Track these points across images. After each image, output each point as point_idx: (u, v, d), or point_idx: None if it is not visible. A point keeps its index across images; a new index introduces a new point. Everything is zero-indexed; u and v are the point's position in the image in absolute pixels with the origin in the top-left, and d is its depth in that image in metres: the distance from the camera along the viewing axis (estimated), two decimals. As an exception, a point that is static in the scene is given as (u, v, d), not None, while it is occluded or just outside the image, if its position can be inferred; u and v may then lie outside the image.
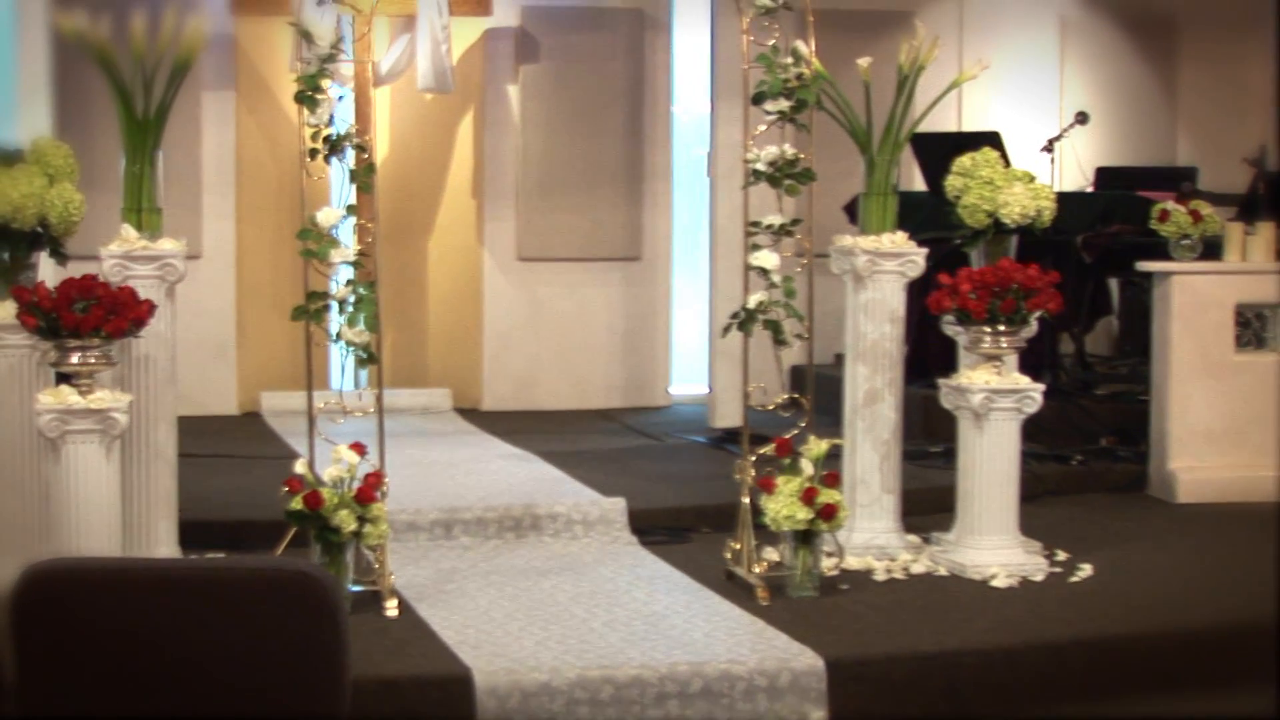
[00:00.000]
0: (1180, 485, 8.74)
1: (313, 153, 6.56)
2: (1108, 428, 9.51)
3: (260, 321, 10.97)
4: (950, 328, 7.45)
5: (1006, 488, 7.21)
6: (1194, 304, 8.80)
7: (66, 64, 10.01)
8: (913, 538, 7.52)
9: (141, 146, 6.72)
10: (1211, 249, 8.92)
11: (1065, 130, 11.08)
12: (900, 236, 7.45)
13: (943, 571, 7.16)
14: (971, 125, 11.50)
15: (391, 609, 6.40)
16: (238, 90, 10.94)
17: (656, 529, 7.79)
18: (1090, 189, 11.20)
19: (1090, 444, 9.35)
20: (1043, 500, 8.48)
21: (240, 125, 10.96)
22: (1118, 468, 9.09)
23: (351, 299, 6.53)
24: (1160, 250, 8.91)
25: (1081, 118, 11.08)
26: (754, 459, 6.95)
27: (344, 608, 3.51)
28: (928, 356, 9.37)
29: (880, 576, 7.08)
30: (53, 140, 6.83)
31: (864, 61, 7.26)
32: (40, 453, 6.32)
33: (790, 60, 6.93)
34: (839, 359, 8.03)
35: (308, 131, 6.56)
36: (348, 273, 6.60)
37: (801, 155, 6.94)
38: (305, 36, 6.56)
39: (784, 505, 6.66)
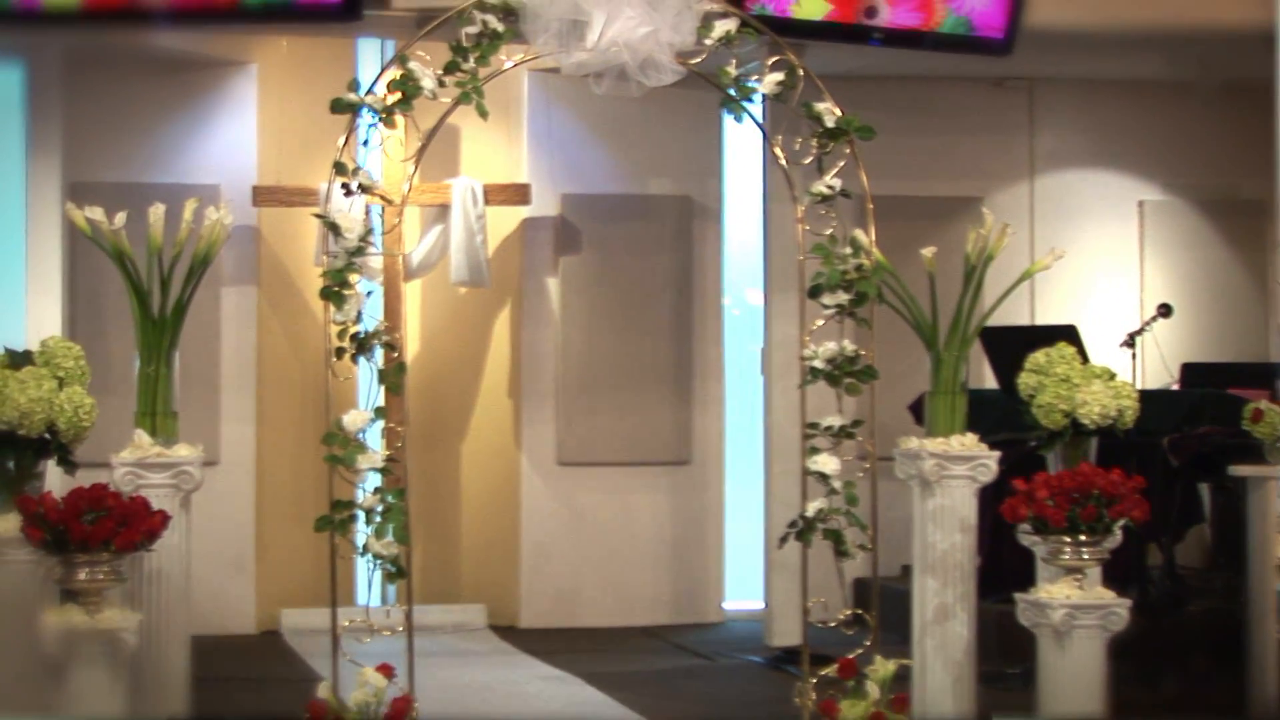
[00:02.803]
0: (1284, 709, 8.63)
1: (339, 351, 6.63)
2: (1202, 647, 9.41)
3: (281, 533, 10.99)
4: (1027, 537, 7.41)
5: (1092, 712, 7.12)
6: (1292, 511, 8.75)
7: (79, 259, 10.21)
8: (990, 768, 7.44)
9: (157, 346, 6.80)
10: (1310, 451, 8.89)
11: (1147, 323, 11.09)
12: (970, 438, 7.45)
13: (1023, 805, 7.08)
14: (1045, 318, 11.53)
15: None
16: (260, 285, 11.08)
17: (709, 758, 7.73)
18: (1176, 387, 11.17)
19: (1183, 665, 9.24)
20: (1132, 726, 8.39)
21: (262, 323, 11.08)
22: (1215, 691, 8.97)
23: (379, 508, 6.56)
24: (1254, 453, 8.85)
25: (1164, 310, 11.10)
26: (815, 681, 6.90)
27: (369, 846, 3.49)
28: (1002, 568, 9.30)
29: (955, 811, 6.99)
30: (63, 340, 6.89)
31: (928, 251, 7.31)
32: (44, 676, 6.31)
33: (849, 250, 7.01)
34: (906, 571, 7.99)
35: (334, 329, 6.64)
36: (375, 480, 6.64)
37: (862, 351, 6.98)
38: (332, 228, 6.67)
39: (848, 732, 6.60)
